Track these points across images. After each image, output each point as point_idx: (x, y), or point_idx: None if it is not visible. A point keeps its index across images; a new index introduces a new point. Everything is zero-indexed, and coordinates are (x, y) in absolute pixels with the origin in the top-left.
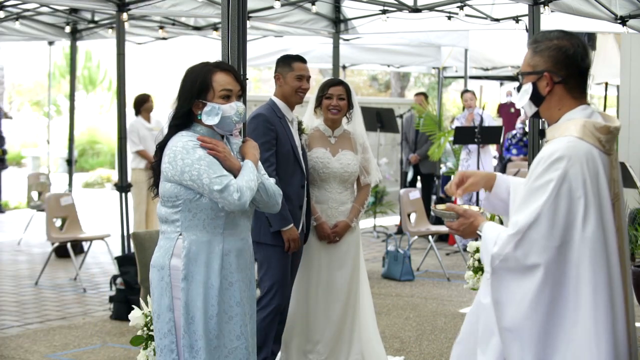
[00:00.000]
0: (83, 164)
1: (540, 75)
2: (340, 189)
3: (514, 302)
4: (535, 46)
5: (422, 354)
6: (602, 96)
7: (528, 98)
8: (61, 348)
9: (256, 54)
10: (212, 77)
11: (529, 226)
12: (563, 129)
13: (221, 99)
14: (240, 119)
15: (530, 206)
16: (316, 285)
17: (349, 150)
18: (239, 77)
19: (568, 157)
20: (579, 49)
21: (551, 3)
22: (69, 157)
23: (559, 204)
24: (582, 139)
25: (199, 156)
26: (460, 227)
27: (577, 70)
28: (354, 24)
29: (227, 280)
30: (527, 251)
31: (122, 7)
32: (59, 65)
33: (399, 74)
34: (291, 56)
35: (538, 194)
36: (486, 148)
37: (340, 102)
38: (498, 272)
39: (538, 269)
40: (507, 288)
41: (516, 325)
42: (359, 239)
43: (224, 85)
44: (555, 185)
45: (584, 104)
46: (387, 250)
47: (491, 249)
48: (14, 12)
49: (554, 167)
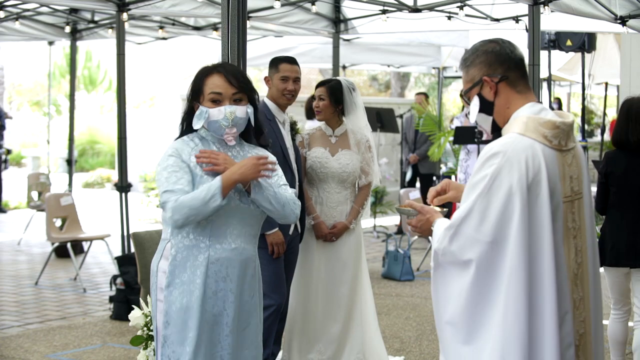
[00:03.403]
0: (83, 164)
1: (480, 83)
2: (338, 189)
3: (452, 296)
4: (465, 62)
5: (422, 354)
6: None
7: (478, 110)
8: (61, 348)
9: (256, 54)
10: (205, 79)
11: (461, 220)
12: (508, 127)
13: (210, 102)
14: (230, 123)
15: (466, 201)
16: (317, 286)
17: (348, 150)
18: (236, 80)
19: (503, 152)
20: (504, 45)
21: (551, 3)
22: (69, 157)
23: (491, 199)
24: (524, 134)
25: (166, 165)
26: (418, 223)
27: (512, 63)
28: (354, 23)
29: (211, 289)
30: (461, 245)
31: (122, 7)
32: (59, 65)
33: (399, 74)
34: (280, 58)
35: (474, 189)
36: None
37: (320, 103)
38: (439, 267)
39: (471, 265)
40: (447, 283)
41: (454, 319)
42: (360, 239)
43: (213, 89)
44: (488, 181)
45: (532, 100)
46: (387, 250)
47: (435, 244)
48: (14, 12)
49: (489, 163)
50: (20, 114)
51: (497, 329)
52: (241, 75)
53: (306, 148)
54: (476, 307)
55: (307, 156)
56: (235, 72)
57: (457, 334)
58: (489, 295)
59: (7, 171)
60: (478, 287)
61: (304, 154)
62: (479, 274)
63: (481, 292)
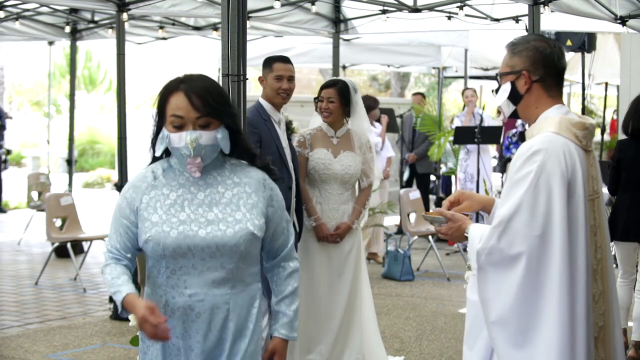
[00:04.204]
0: (83, 164)
1: (518, 74)
2: (340, 190)
3: (500, 296)
4: (513, 48)
5: (422, 354)
6: (602, 96)
7: (506, 97)
8: (61, 348)
9: (256, 54)
10: (168, 98)
11: (511, 217)
12: (539, 126)
13: (171, 127)
14: (192, 152)
15: (512, 198)
16: (316, 287)
17: (350, 152)
18: (201, 101)
19: (545, 150)
20: (555, 49)
21: (551, 3)
22: (69, 157)
23: (539, 194)
24: (559, 133)
25: (115, 210)
26: (449, 230)
27: (555, 69)
28: (354, 23)
29: (175, 347)
30: (510, 241)
31: (122, 7)
32: (59, 65)
33: (399, 74)
34: (273, 57)
35: (518, 186)
36: (485, 148)
37: (330, 105)
38: (484, 268)
39: (521, 259)
40: (493, 283)
41: (503, 318)
42: (360, 239)
43: (174, 111)
44: (534, 177)
45: (560, 103)
46: (387, 250)
47: (476, 245)
48: (14, 12)
49: (532, 160)
50: (20, 114)
51: (553, 321)
52: (210, 95)
53: (308, 148)
54: (527, 302)
55: (310, 157)
56: (202, 91)
57: (507, 335)
58: (540, 289)
59: (7, 171)
60: (529, 281)
61: (305, 154)
62: (529, 268)
63: (532, 285)
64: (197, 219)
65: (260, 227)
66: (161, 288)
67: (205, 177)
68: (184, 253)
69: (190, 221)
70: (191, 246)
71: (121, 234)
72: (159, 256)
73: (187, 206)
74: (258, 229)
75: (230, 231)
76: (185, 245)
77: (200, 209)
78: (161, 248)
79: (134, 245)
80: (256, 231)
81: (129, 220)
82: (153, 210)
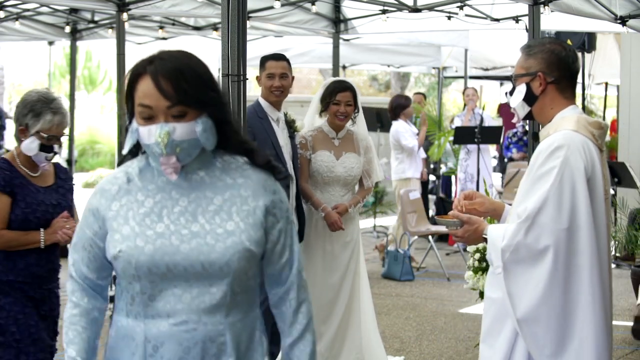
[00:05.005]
0: (83, 164)
1: (534, 76)
2: (342, 192)
3: (527, 291)
4: (529, 50)
5: (422, 354)
6: (602, 96)
7: (522, 98)
8: (61, 348)
9: (256, 54)
10: (136, 83)
11: (538, 211)
12: (557, 125)
13: (140, 118)
14: (164, 150)
15: (537, 193)
16: (316, 286)
17: (352, 153)
18: (172, 86)
19: (567, 145)
20: (570, 53)
21: (551, 3)
22: (69, 157)
23: (564, 188)
24: (577, 131)
25: (81, 218)
26: (465, 233)
27: (569, 72)
28: (354, 24)
29: None
30: (537, 235)
31: (122, 7)
32: (59, 65)
33: (399, 74)
34: (266, 56)
35: (542, 180)
36: (485, 148)
37: (348, 109)
38: (509, 265)
39: (548, 252)
40: (520, 278)
41: (532, 314)
42: (358, 240)
43: (141, 99)
44: (558, 171)
45: (574, 104)
46: (387, 250)
47: (500, 243)
48: (14, 12)
49: (555, 155)
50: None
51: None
52: (183, 78)
53: (310, 150)
54: (557, 295)
55: (312, 159)
56: (173, 73)
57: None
58: (570, 283)
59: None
60: (557, 275)
61: (307, 156)
62: (557, 262)
63: (561, 280)
64: (179, 231)
65: (257, 241)
66: (138, 319)
67: (190, 179)
68: (163, 274)
69: (170, 234)
70: (171, 265)
71: (88, 251)
72: (131, 278)
73: (166, 215)
74: (255, 244)
75: (220, 246)
76: (163, 263)
77: (182, 219)
78: (133, 267)
79: (103, 265)
80: (252, 246)
81: (94, 231)
82: (124, 221)
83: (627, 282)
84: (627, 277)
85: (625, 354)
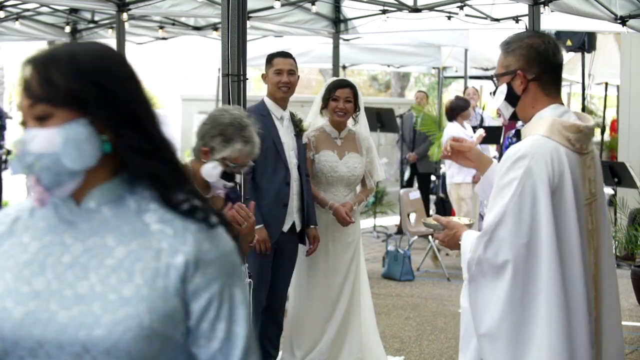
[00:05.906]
0: None
1: (513, 74)
2: (345, 192)
3: (489, 306)
4: (507, 47)
5: (422, 354)
6: (602, 96)
7: (503, 99)
8: None
9: (256, 54)
10: None
11: (496, 225)
12: (531, 127)
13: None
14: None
15: (496, 205)
16: (316, 287)
17: (354, 153)
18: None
19: (531, 155)
20: (549, 45)
21: (551, 3)
22: None
23: (524, 201)
24: (549, 137)
25: None
26: (445, 238)
27: (550, 66)
28: (354, 23)
29: None
30: (496, 250)
31: (122, 7)
32: None
33: (399, 74)
34: (274, 53)
35: (503, 192)
36: (485, 148)
37: (347, 105)
38: (475, 278)
39: (508, 267)
40: (482, 294)
41: (492, 330)
42: (359, 240)
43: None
44: (519, 183)
45: (557, 102)
46: (387, 250)
47: (467, 255)
48: (14, 12)
49: (517, 166)
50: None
51: (542, 334)
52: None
53: (313, 150)
54: (515, 314)
55: (316, 159)
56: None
57: (496, 349)
58: (528, 299)
59: (7, 171)
60: (516, 290)
61: (310, 156)
62: (516, 277)
63: (520, 296)
64: (61, 291)
65: (166, 314)
66: None
67: (92, 218)
68: (34, 350)
69: (50, 294)
70: (42, 340)
71: None
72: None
73: (50, 266)
74: (160, 319)
75: (107, 319)
76: (31, 336)
77: (70, 273)
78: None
79: None
80: (156, 322)
81: None
82: (1, 271)
83: (627, 282)
84: (627, 277)
85: (625, 354)
